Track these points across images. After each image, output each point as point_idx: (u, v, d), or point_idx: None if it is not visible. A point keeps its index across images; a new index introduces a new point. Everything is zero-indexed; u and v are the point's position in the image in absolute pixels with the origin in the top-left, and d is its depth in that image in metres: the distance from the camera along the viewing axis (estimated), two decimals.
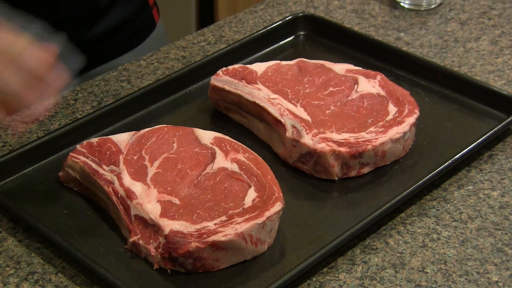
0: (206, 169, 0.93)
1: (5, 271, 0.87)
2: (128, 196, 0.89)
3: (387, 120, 1.01)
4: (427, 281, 0.86)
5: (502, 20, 1.32)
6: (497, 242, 0.91)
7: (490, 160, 1.02)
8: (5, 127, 1.06)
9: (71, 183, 0.97)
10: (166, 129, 0.98)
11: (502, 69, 1.20)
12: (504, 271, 0.87)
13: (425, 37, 1.27)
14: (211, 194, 0.90)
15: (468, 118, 1.09)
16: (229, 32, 1.28)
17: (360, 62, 1.16)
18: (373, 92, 1.06)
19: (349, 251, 0.89)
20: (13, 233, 0.91)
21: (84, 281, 0.85)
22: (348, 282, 0.86)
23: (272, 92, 1.05)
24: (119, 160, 0.94)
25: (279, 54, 1.22)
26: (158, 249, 0.85)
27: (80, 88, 1.14)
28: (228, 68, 1.10)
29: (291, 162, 1.00)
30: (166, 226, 0.85)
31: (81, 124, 1.03)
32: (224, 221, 0.86)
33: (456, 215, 0.94)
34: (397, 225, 0.93)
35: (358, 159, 0.97)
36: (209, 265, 0.85)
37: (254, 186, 0.91)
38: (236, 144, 0.97)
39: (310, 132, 0.98)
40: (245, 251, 0.86)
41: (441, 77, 1.14)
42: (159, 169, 0.92)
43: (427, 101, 1.11)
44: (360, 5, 1.36)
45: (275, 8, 1.34)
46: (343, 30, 1.25)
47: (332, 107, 1.04)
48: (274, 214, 0.87)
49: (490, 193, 0.97)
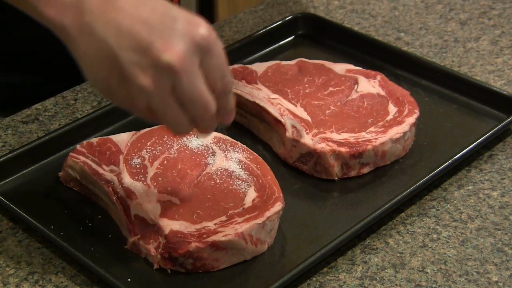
0: (206, 169, 0.93)
1: (5, 271, 0.86)
2: (128, 196, 0.89)
3: (387, 120, 1.01)
4: (427, 281, 0.86)
5: (502, 20, 1.32)
6: (497, 242, 0.91)
7: (490, 160, 1.02)
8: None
9: (71, 183, 0.97)
10: (166, 129, 0.98)
11: (502, 69, 1.20)
12: (504, 271, 0.87)
13: (425, 37, 1.27)
14: (211, 194, 0.90)
15: (468, 118, 1.09)
16: (229, 32, 1.28)
17: (360, 62, 1.16)
18: (373, 92, 1.06)
19: (349, 251, 0.89)
20: (13, 233, 0.91)
21: (84, 281, 0.85)
22: (348, 282, 0.86)
23: (272, 92, 1.05)
24: (119, 160, 0.94)
25: (279, 54, 1.22)
26: (158, 249, 0.85)
27: (80, 88, 1.14)
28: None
29: (291, 162, 1.00)
30: (166, 226, 0.85)
31: (81, 124, 1.03)
32: (224, 221, 0.86)
33: (456, 215, 0.94)
34: (397, 225, 0.93)
35: (358, 159, 0.97)
36: (209, 265, 0.85)
37: (254, 186, 0.91)
38: (236, 144, 0.97)
39: (310, 132, 0.98)
40: (245, 251, 0.86)
41: (441, 77, 1.14)
42: (159, 169, 0.92)
43: (427, 101, 1.11)
44: (360, 5, 1.36)
45: (275, 8, 1.34)
46: (343, 30, 1.25)
47: (332, 107, 1.04)
48: (274, 214, 0.87)
49: (490, 193, 0.97)
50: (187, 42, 0.70)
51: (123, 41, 0.69)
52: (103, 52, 0.71)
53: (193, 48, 0.70)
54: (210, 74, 0.72)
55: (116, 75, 0.71)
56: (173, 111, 0.72)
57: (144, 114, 0.74)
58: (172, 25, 0.70)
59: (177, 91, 0.71)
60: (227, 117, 0.77)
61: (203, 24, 0.71)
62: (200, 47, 0.71)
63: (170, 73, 0.69)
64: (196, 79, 0.71)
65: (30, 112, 1.09)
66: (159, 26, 0.69)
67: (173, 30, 0.69)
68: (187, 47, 0.69)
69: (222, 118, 0.77)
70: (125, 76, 0.70)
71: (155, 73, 0.69)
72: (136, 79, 0.70)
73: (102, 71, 0.72)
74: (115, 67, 0.70)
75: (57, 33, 0.75)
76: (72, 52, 0.74)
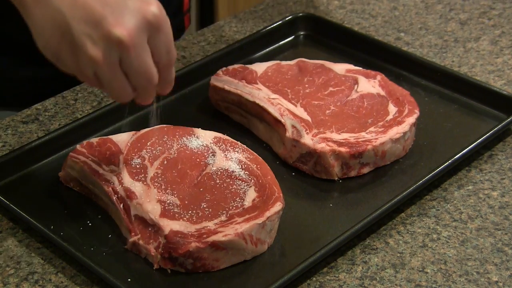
0: (206, 169, 0.93)
1: (5, 271, 0.86)
2: (128, 196, 0.89)
3: (387, 120, 1.01)
4: (427, 281, 0.86)
5: (502, 20, 1.32)
6: (497, 242, 0.91)
7: (490, 160, 1.02)
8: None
9: (71, 183, 0.96)
10: (166, 129, 0.98)
11: (502, 69, 1.20)
12: (504, 271, 0.87)
13: (425, 37, 1.27)
14: (211, 194, 0.90)
15: (468, 118, 1.09)
16: (229, 32, 1.28)
17: (360, 62, 1.16)
18: (373, 92, 1.06)
19: (349, 251, 0.89)
20: (13, 233, 0.91)
21: (84, 281, 0.85)
22: (348, 282, 0.86)
23: (272, 92, 1.05)
24: (119, 160, 0.94)
25: (279, 54, 1.22)
26: (158, 249, 0.85)
27: (80, 88, 1.14)
28: (228, 68, 1.10)
29: (291, 162, 1.00)
30: (166, 226, 0.85)
31: (81, 124, 1.03)
32: (224, 221, 0.86)
33: (456, 215, 0.94)
34: (397, 225, 0.93)
35: (358, 159, 0.97)
36: (209, 265, 0.85)
37: (254, 186, 0.91)
38: (236, 144, 0.97)
39: (310, 132, 0.98)
40: (245, 251, 0.86)
41: (441, 77, 1.14)
42: (159, 169, 0.92)
43: (427, 101, 1.11)
44: (360, 5, 1.36)
45: (275, 8, 1.34)
46: (343, 30, 1.25)
47: (332, 107, 1.04)
48: (274, 214, 0.87)
49: (490, 193, 0.97)
50: (138, 19, 0.74)
51: (76, 12, 0.73)
52: (56, 21, 0.74)
53: (143, 25, 0.74)
54: (157, 49, 0.77)
55: (67, 44, 0.75)
56: (118, 81, 0.77)
57: (90, 81, 0.78)
58: (124, 1, 0.74)
59: (125, 64, 0.75)
60: (166, 86, 0.82)
61: (155, 3, 0.75)
62: (150, 24, 0.75)
63: (119, 48, 0.74)
64: (143, 54, 0.75)
65: (30, 112, 1.09)
66: (112, 2, 0.73)
67: (125, 6, 0.74)
68: (137, 23, 0.74)
69: (161, 88, 0.82)
70: (75, 45, 0.74)
71: (105, 46, 0.74)
72: (86, 49, 0.74)
73: (54, 38, 0.75)
74: (67, 36, 0.74)
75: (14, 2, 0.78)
76: (26, 20, 0.78)
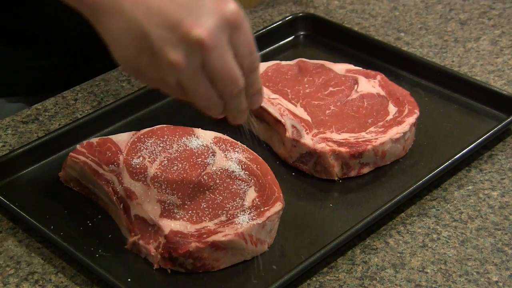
0: (206, 169, 0.93)
1: (5, 271, 0.86)
2: (128, 196, 0.89)
3: (387, 120, 1.01)
4: (427, 281, 0.86)
5: (502, 20, 1.32)
6: (497, 242, 0.91)
7: (490, 160, 1.02)
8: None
9: (71, 183, 0.97)
10: (166, 129, 0.98)
11: (502, 69, 1.20)
12: (504, 271, 0.87)
13: (425, 37, 1.27)
14: (211, 194, 0.90)
15: (468, 118, 1.09)
16: None
17: (360, 62, 1.16)
18: (373, 92, 1.06)
19: (349, 251, 0.89)
20: (13, 233, 0.91)
21: (84, 281, 0.85)
22: (348, 282, 0.86)
23: (272, 92, 1.05)
24: (119, 160, 0.94)
25: (279, 54, 1.22)
26: (158, 249, 0.85)
27: (80, 88, 1.14)
28: None
29: (291, 162, 1.00)
30: (166, 226, 0.85)
31: (81, 124, 1.03)
32: (224, 221, 0.86)
33: (456, 215, 0.94)
34: (397, 225, 0.93)
35: (358, 159, 0.97)
36: (209, 265, 0.85)
37: (254, 186, 0.91)
38: (236, 144, 0.97)
39: (310, 132, 0.98)
40: (245, 251, 0.86)
41: (441, 77, 1.14)
42: (159, 169, 0.92)
43: (427, 101, 1.11)
44: (360, 5, 1.36)
45: (275, 8, 1.34)
46: (343, 30, 1.25)
47: (332, 107, 1.04)
48: (274, 214, 0.87)
49: (490, 193, 0.97)
50: (216, 18, 0.71)
51: (152, 19, 0.70)
52: (132, 30, 0.71)
53: (222, 24, 0.71)
54: (238, 50, 0.73)
55: (146, 53, 0.72)
56: (203, 87, 0.73)
57: (174, 91, 0.75)
58: (200, 2, 0.71)
59: (207, 66, 0.72)
60: (255, 97, 0.78)
61: (231, 1, 0.72)
62: (229, 23, 0.71)
63: (200, 49, 0.70)
64: (225, 54, 0.72)
65: (30, 112, 1.09)
66: (188, 4, 0.71)
67: (201, 6, 0.70)
68: (216, 23, 0.70)
69: (250, 99, 0.77)
70: (155, 53, 0.71)
71: (185, 49, 0.70)
72: (167, 55, 0.71)
73: (131, 50, 0.72)
74: (145, 45, 0.71)
75: (85, 14, 0.75)
76: (100, 33, 0.75)
